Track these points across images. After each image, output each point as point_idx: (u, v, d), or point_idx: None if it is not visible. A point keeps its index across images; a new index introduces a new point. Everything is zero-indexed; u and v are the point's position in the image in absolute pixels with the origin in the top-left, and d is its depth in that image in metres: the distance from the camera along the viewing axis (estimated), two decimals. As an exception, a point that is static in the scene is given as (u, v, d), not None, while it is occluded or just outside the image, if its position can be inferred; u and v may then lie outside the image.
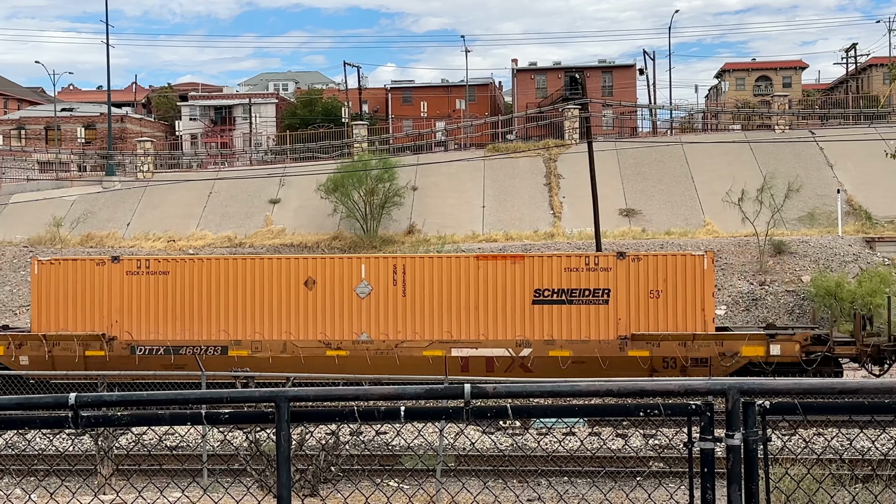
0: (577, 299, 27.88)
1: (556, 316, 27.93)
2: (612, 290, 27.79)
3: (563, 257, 28.72)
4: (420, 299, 28.49)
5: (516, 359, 27.88)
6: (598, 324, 27.78)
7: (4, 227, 56.68)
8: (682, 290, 27.67)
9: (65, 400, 4.58)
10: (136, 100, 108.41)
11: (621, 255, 28.14)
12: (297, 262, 29.35)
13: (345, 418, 4.66)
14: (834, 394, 4.66)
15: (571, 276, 27.98)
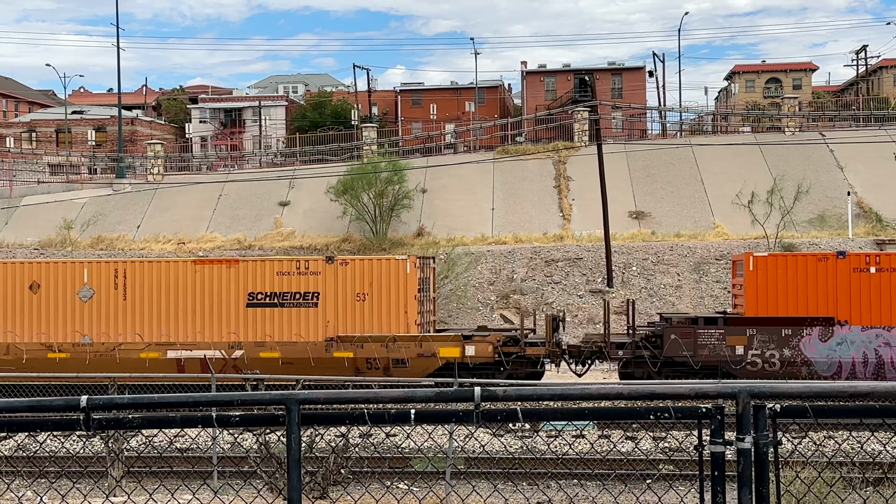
0: (289, 302, 28.88)
1: (269, 318, 28.90)
2: (321, 294, 28.81)
3: (275, 262, 29.63)
4: (140, 303, 29.42)
5: (229, 360, 28.76)
6: (307, 326, 28.78)
7: (16, 229, 56.86)
8: (386, 293, 28.70)
9: (76, 402, 4.60)
10: (147, 102, 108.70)
11: (329, 259, 29.13)
12: (23, 266, 30.22)
13: (355, 421, 4.67)
14: (845, 397, 4.65)
15: (283, 279, 28.91)
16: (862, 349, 27.06)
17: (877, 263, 27.39)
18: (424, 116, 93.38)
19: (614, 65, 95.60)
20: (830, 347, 27.15)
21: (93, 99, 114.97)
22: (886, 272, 27.24)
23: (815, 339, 27.25)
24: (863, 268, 27.32)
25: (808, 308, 27.43)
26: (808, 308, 27.43)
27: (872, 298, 27.16)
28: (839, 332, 27.20)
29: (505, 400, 4.61)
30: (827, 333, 27.28)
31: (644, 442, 22.02)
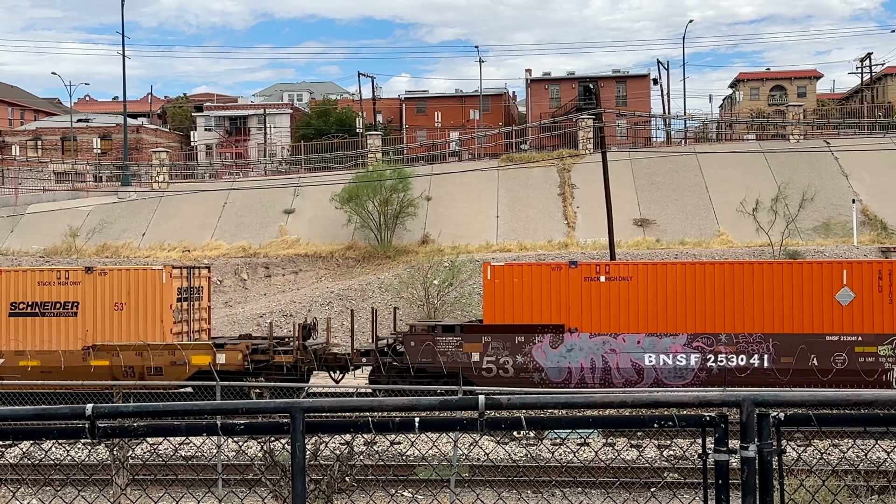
0: (49, 312, 29.39)
1: (31, 328, 29.41)
2: (80, 303, 29.28)
3: (37, 272, 30.22)
4: None
5: None
6: (67, 335, 29.25)
7: (21, 237, 56.96)
8: (143, 302, 29.23)
9: (82, 411, 4.61)
10: (152, 110, 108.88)
11: (89, 270, 29.63)
12: None
13: (360, 429, 4.68)
14: (849, 405, 4.65)
15: (45, 289, 29.42)
16: (590, 356, 27.94)
17: (606, 272, 28.31)
18: (429, 124, 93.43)
19: (619, 72, 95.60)
20: (560, 354, 27.98)
21: (98, 107, 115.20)
22: (615, 281, 28.07)
23: (546, 346, 28.02)
24: (593, 277, 28.17)
25: (542, 316, 28.13)
26: (541, 316, 28.13)
27: (602, 306, 28.05)
28: (569, 339, 27.98)
29: (509, 408, 4.61)
30: (557, 341, 28.02)
31: (648, 450, 21.99)
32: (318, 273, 50.94)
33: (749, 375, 27.22)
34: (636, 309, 27.88)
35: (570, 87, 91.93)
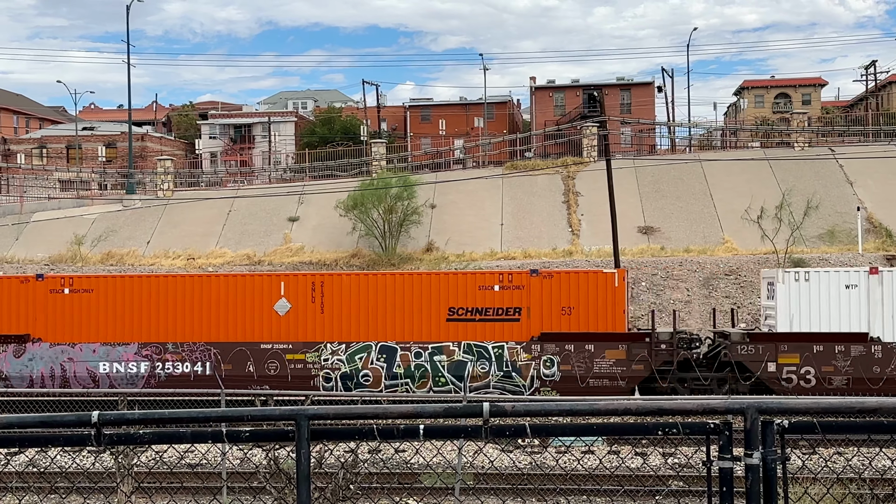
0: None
1: None
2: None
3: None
4: None
5: None
6: None
7: (26, 245, 57.05)
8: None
9: (87, 418, 4.63)
10: (157, 118, 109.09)
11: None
12: None
13: (364, 436, 4.69)
14: (853, 413, 4.66)
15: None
16: (50, 364, 29.52)
17: (70, 285, 29.79)
18: (433, 132, 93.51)
19: (623, 80, 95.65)
20: (23, 363, 29.54)
21: (103, 115, 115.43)
22: (78, 293, 29.63)
23: (10, 355, 29.60)
24: (58, 289, 29.72)
25: (11, 327, 29.67)
26: (9, 327, 29.66)
27: (65, 317, 29.59)
28: (31, 348, 29.54)
29: (514, 415, 4.62)
30: (20, 350, 29.55)
31: (653, 457, 21.97)
32: (322, 281, 50.91)
33: (194, 382, 28.92)
34: (96, 320, 29.60)
35: (574, 95, 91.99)
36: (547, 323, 28.62)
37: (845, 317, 27.66)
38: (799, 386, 27.29)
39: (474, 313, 28.87)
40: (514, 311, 28.76)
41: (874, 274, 27.75)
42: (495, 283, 29.02)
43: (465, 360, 28.69)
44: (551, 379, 28.21)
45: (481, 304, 28.88)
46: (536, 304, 28.71)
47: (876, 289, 27.56)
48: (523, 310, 28.73)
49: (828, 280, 27.85)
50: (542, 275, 28.94)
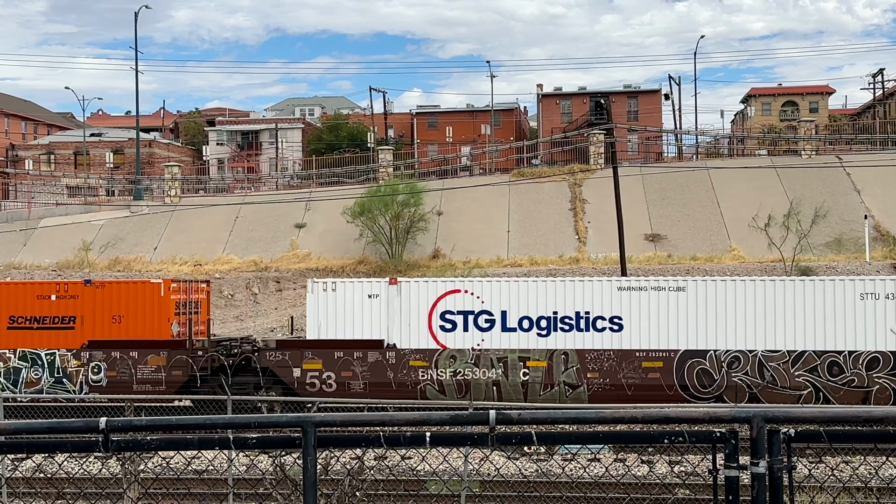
0: None
1: None
2: None
3: None
4: None
5: None
6: None
7: (34, 251, 57.17)
8: None
9: (95, 424, 4.64)
10: (165, 125, 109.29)
11: None
12: None
13: (371, 444, 4.70)
14: (859, 422, 4.66)
15: None
16: None
17: None
18: (440, 139, 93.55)
19: (630, 88, 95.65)
20: None
21: (111, 122, 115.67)
22: None
23: None
24: None
25: None
26: None
27: None
28: None
29: (520, 423, 4.63)
30: None
31: (659, 466, 21.94)
32: (329, 287, 50.96)
33: None
34: None
35: (581, 103, 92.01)
36: (99, 330, 29.90)
37: (367, 325, 29.13)
38: (321, 390, 28.69)
39: (32, 322, 30.17)
40: (68, 319, 30.07)
41: (393, 284, 29.31)
42: (52, 292, 30.28)
43: (20, 366, 29.98)
44: (98, 384, 29.52)
45: (39, 312, 30.15)
46: (90, 312, 29.98)
47: (395, 299, 29.11)
48: (77, 318, 30.01)
49: (353, 290, 29.33)
50: (96, 285, 30.33)
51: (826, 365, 27.45)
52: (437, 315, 29.00)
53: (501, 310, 28.80)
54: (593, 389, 27.94)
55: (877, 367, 27.22)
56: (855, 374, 27.27)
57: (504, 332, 28.70)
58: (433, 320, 29.02)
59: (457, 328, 28.90)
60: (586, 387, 27.99)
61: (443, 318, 28.97)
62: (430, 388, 28.54)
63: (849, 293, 27.64)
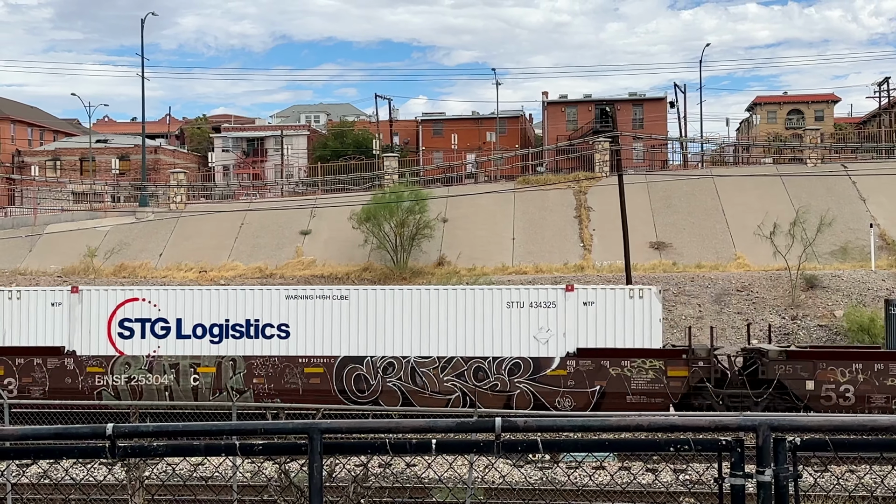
0: None
1: None
2: None
3: None
4: None
5: None
6: None
7: (39, 257, 57.26)
8: None
9: (102, 430, 4.66)
10: (170, 131, 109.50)
11: None
12: None
13: (377, 451, 4.70)
14: (865, 431, 4.66)
15: None
16: None
17: None
18: (445, 146, 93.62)
19: (635, 95, 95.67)
20: None
21: (117, 128, 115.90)
22: None
23: None
24: None
25: None
26: None
27: None
28: None
29: (525, 431, 4.63)
30: None
31: (664, 474, 21.90)
32: (334, 294, 50.97)
33: None
34: None
35: (586, 110, 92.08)
36: None
37: (51, 332, 29.81)
38: None
39: None
40: None
41: (75, 293, 29.97)
42: None
43: None
44: None
45: None
46: None
47: (76, 306, 29.81)
48: None
49: (36, 298, 30.02)
50: None
51: (472, 370, 28.74)
52: (116, 323, 29.93)
53: (177, 317, 29.81)
54: (258, 395, 29.05)
55: (518, 372, 28.52)
56: (498, 379, 28.60)
57: (179, 339, 29.74)
58: (112, 328, 29.91)
59: (134, 335, 29.83)
60: (252, 392, 29.06)
61: (121, 326, 29.91)
62: (106, 393, 29.31)
63: (497, 301, 29.02)
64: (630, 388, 27.90)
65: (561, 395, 28.15)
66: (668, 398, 27.68)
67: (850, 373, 27.07)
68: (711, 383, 27.83)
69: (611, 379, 27.97)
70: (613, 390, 27.96)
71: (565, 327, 28.66)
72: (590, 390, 28.04)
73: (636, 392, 27.88)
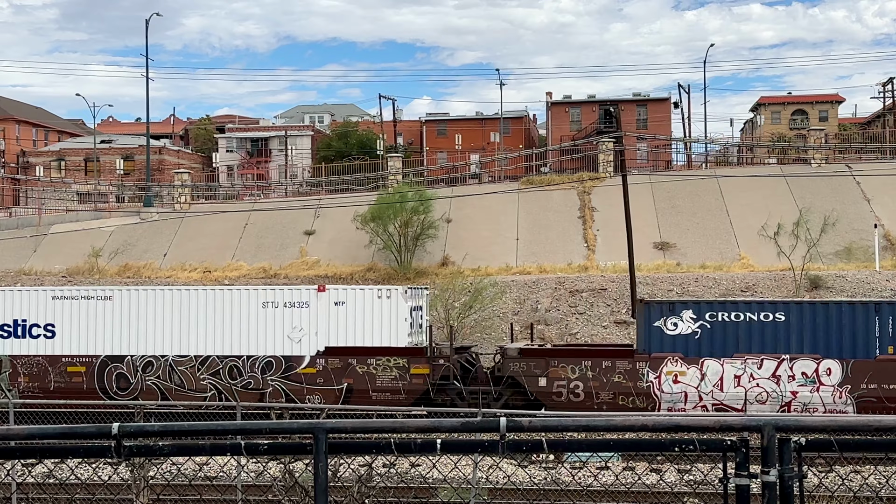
0: None
1: None
2: None
3: None
4: None
5: None
6: None
7: (44, 257, 57.31)
8: None
9: (108, 430, 4.66)
10: (175, 132, 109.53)
11: None
12: None
13: (382, 450, 4.71)
14: (870, 431, 4.65)
15: None
16: None
17: None
18: (449, 146, 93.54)
19: (639, 96, 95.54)
20: None
21: (121, 128, 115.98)
22: None
23: None
24: None
25: None
26: None
27: None
28: None
29: (530, 431, 4.63)
30: None
31: (669, 474, 21.89)
32: (338, 294, 50.96)
33: None
34: None
35: (590, 111, 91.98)
36: None
37: None
38: None
39: None
40: None
41: None
42: None
43: None
44: None
45: None
46: None
47: None
48: None
49: None
50: None
51: (227, 368, 29.77)
52: None
53: None
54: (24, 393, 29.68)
55: (271, 370, 29.63)
56: (252, 377, 29.68)
57: None
58: None
59: None
60: (18, 391, 29.80)
61: None
62: None
63: (253, 301, 30.18)
64: (375, 385, 28.94)
65: (311, 392, 29.26)
66: (411, 395, 28.68)
67: (579, 370, 27.97)
68: (459, 381, 28.86)
69: (357, 376, 29.05)
70: (360, 387, 28.99)
71: (317, 327, 29.80)
72: (337, 387, 29.12)
73: (380, 389, 28.92)
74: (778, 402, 27.15)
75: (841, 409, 26.79)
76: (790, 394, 27.19)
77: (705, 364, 27.55)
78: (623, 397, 27.62)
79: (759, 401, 27.21)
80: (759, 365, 27.43)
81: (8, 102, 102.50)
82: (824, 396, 27.01)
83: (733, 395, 27.27)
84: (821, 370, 27.17)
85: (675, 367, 27.68)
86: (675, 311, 28.19)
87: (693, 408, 27.35)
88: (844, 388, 26.87)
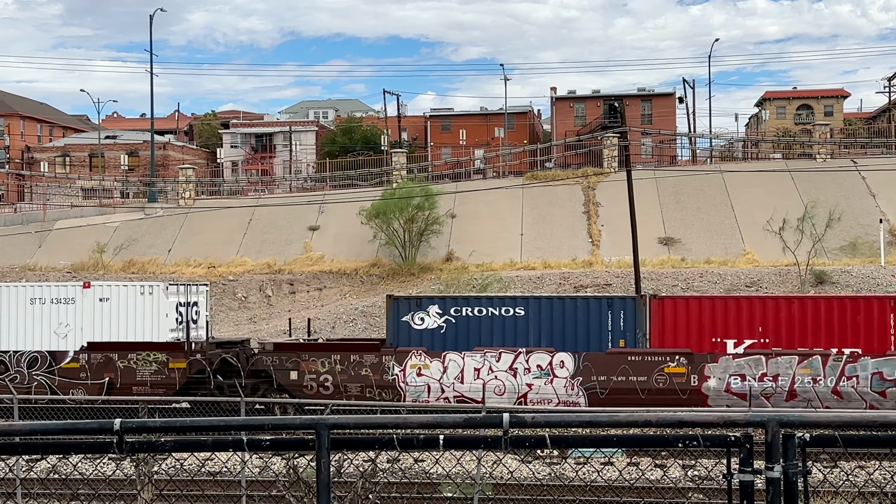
0: None
1: None
2: None
3: None
4: None
5: None
6: None
7: (49, 252, 57.39)
8: None
9: (110, 426, 4.65)
10: (179, 127, 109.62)
11: None
12: None
13: (384, 446, 4.69)
14: (875, 426, 4.63)
15: None
16: None
17: None
18: (454, 142, 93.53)
19: (644, 91, 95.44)
20: None
21: (126, 124, 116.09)
22: None
23: None
24: None
25: None
26: None
27: None
28: None
29: (533, 426, 4.62)
30: None
31: (673, 470, 21.87)
32: (342, 290, 51.05)
33: None
34: None
35: (595, 106, 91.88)
36: None
37: None
38: None
39: None
40: None
41: None
42: None
43: None
44: None
45: None
46: None
47: None
48: None
49: None
50: None
51: None
52: None
53: None
54: None
55: (36, 365, 30.35)
56: (18, 372, 30.39)
57: None
58: None
59: None
60: None
61: None
62: None
63: (21, 297, 31.15)
64: (135, 378, 29.64)
65: (74, 386, 29.98)
66: (170, 388, 29.36)
67: (329, 364, 28.66)
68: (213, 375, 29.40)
69: (119, 371, 29.68)
70: (124, 381, 29.62)
71: (83, 322, 30.73)
72: (100, 382, 29.77)
73: (141, 383, 29.60)
74: (515, 393, 27.91)
75: (574, 400, 27.57)
76: (526, 386, 27.92)
77: (447, 358, 28.29)
78: (370, 390, 28.49)
79: (497, 392, 28.01)
80: (497, 358, 28.17)
81: (13, 98, 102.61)
82: (557, 388, 27.72)
83: (473, 387, 28.05)
84: (554, 363, 27.87)
85: (419, 360, 28.49)
86: (423, 307, 29.08)
87: (436, 399, 28.21)
88: (577, 380, 27.57)
